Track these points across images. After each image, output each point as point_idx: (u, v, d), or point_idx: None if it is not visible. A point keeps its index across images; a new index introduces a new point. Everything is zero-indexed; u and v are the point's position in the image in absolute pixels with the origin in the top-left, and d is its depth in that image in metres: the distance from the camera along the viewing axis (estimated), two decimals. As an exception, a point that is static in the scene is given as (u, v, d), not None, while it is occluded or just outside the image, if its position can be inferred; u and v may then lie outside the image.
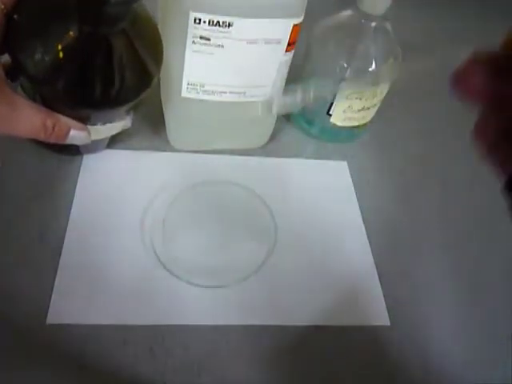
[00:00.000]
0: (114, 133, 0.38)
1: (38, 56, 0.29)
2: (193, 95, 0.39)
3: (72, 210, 0.39)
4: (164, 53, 0.38)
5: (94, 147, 0.42)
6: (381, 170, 0.48)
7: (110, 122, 0.36)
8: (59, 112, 0.32)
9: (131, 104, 0.34)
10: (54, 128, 0.31)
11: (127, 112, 0.36)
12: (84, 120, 0.33)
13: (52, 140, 0.32)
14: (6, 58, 0.30)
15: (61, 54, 0.29)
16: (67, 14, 0.29)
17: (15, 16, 0.29)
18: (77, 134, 0.33)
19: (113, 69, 0.31)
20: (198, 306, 0.35)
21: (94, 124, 0.35)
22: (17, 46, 0.29)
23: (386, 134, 0.52)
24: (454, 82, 0.19)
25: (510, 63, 0.18)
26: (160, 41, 0.35)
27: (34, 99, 0.32)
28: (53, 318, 0.33)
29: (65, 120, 0.32)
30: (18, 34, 0.29)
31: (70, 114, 0.32)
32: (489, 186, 0.27)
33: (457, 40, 0.69)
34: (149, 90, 0.35)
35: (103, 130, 0.36)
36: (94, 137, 0.35)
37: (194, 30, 0.34)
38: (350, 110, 0.45)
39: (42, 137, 0.31)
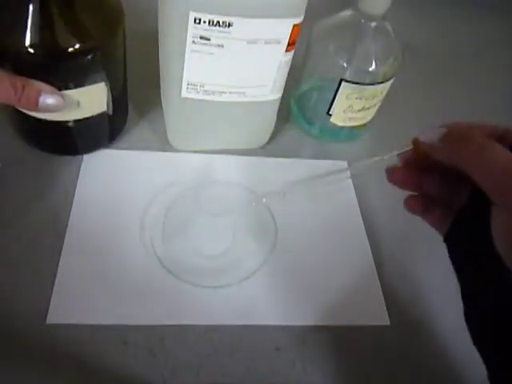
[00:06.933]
0: (93, 112, 0.38)
1: None
2: (193, 95, 0.39)
3: (72, 210, 0.39)
4: (164, 53, 0.38)
5: (92, 143, 0.43)
6: (381, 169, 0.48)
7: (82, 86, 0.35)
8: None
9: (89, 57, 0.33)
10: (23, 89, 0.31)
11: (94, 75, 0.35)
12: (54, 84, 0.34)
13: (23, 103, 0.32)
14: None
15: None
16: None
17: None
18: (49, 97, 0.33)
19: (69, 11, 0.32)
20: (198, 306, 0.35)
21: (67, 87, 0.34)
22: None
23: (386, 134, 0.52)
24: (386, 176, 0.28)
25: (422, 163, 0.26)
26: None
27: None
28: (53, 317, 0.33)
29: (35, 82, 0.32)
30: None
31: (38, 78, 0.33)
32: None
33: (456, 40, 0.69)
34: (111, 41, 0.35)
35: (77, 97, 0.35)
36: (70, 105, 0.35)
37: (193, 30, 0.34)
38: (350, 110, 0.45)
39: (12, 97, 0.31)
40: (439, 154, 0.24)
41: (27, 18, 0.31)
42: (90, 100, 0.37)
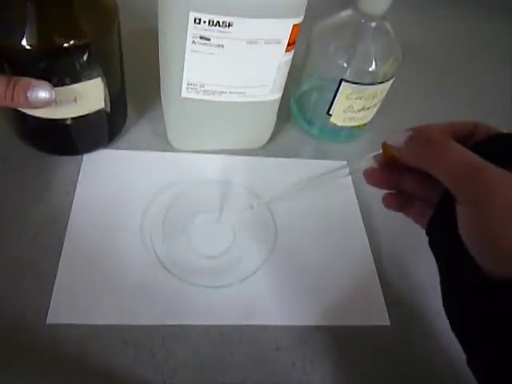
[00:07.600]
0: (91, 108, 0.38)
1: None
2: (193, 95, 0.39)
3: (72, 210, 0.39)
4: (164, 53, 0.38)
5: (92, 143, 0.43)
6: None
7: (78, 81, 0.35)
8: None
9: (84, 53, 0.34)
10: (14, 86, 0.32)
11: (90, 70, 0.35)
12: (50, 80, 0.33)
13: (15, 99, 0.32)
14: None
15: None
16: None
17: None
18: (40, 91, 0.33)
19: (63, 7, 0.32)
20: (198, 306, 0.35)
21: (63, 83, 0.34)
22: None
23: (386, 134, 0.52)
24: (364, 178, 0.29)
25: (393, 165, 0.27)
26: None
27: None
28: (53, 318, 0.33)
29: (23, 78, 0.32)
30: None
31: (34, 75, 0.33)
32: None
33: (456, 40, 0.69)
34: (106, 36, 0.35)
35: (73, 93, 0.35)
36: (67, 102, 0.35)
37: (193, 30, 0.34)
38: (350, 109, 0.45)
39: (2, 91, 0.31)
40: (405, 157, 0.25)
41: (22, 15, 0.31)
42: (86, 96, 0.37)
